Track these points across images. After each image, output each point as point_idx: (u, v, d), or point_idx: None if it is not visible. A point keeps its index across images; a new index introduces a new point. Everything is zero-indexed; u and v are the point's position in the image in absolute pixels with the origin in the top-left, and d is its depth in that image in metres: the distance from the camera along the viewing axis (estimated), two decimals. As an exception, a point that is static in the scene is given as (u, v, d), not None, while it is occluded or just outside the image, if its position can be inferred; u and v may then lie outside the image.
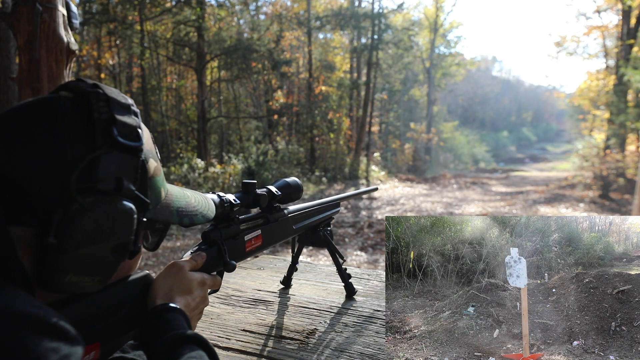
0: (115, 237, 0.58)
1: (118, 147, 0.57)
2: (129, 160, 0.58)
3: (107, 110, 0.58)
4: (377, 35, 17.13)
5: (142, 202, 0.61)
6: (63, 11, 2.63)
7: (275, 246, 1.20)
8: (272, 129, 17.01)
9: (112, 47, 16.24)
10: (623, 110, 13.44)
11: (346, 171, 16.62)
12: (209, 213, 0.79)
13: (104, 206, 0.55)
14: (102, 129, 0.57)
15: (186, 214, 0.73)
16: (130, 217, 0.58)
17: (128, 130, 0.59)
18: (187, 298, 0.74)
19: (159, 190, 0.68)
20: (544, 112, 63.17)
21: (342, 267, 1.32)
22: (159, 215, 0.68)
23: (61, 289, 0.57)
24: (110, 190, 0.56)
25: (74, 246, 0.54)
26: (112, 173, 0.56)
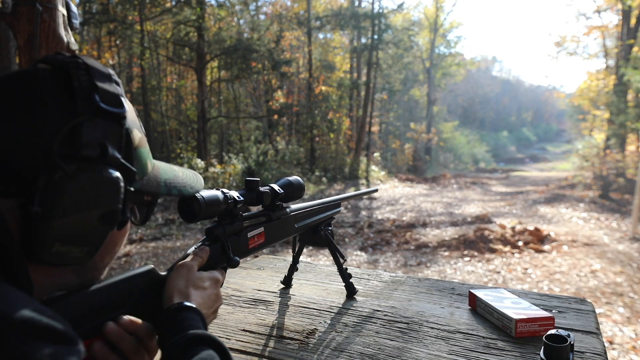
0: (102, 205, 0.57)
1: (100, 114, 0.56)
2: (112, 127, 0.58)
3: (88, 78, 0.57)
4: (377, 35, 17.13)
5: (129, 171, 0.61)
6: (63, 11, 2.63)
7: (276, 245, 1.20)
8: (272, 129, 17.00)
9: (112, 47, 16.24)
10: (623, 110, 13.44)
11: (346, 171, 16.62)
12: (197, 185, 0.79)
13: (89, 173, 0.55)
14: (83, 96, 0.56)
15: (174, 186, 0.73)
16: (116, 185, 0.58)
17: (110, 97, 0.58)
18: (203, 296, 0.74)
19: (145, 161, 0.67)
20: (544, 112, 63.16)
21: (343, 267, 1.32)
22: (147, 186, 0.67)
23: (49, 259, 0.56)
24: (95, 157, 0.55)
25: (60, 214, 0.54)
26: (96, 140, 0.56)
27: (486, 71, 54.69)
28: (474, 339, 1.04)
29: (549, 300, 1.28)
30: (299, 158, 15.74)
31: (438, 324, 1.13)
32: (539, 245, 6.70)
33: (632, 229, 7.76)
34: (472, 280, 5.26)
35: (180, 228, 8.04)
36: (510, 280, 5.24)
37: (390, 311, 1.21)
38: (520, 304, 1.13)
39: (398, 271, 5.63)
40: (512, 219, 8.81)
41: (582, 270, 5.57)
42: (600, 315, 4.20)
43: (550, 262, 5.93)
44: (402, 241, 7.10)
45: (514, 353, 0.97)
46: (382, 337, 1.06)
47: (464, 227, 7.99)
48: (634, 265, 5.83)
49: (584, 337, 1.05)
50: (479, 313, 1.18)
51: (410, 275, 1.54)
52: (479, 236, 6.94)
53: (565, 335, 0.88)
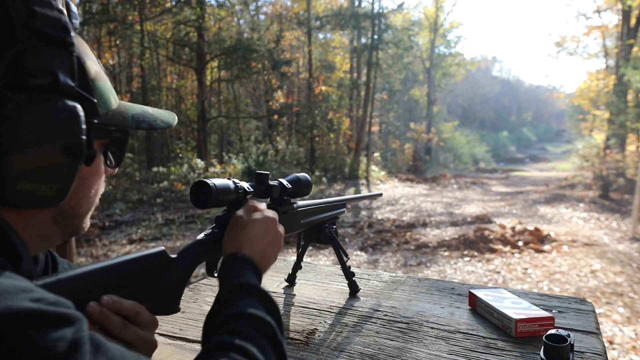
0: (61, 136, 0.55)
1: (44, 40, 0.53)
2: (60, 54, 0.55)
3: (25, 5, 0.53)
4: (377, 35, 17.13)
5: (88, 102, 0.58)
6: (63, 11, 2.63)
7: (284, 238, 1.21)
8: (272, 129, 17.01)
9: (112, 47, 16.25)
10: (623, 110, 13.44)
11: (346, 171, 16.62)
12: (169, 120, 0.77)
13: (42, 103, 0.53)
14: (21, 23, 0.52)
15: (143, 120, 0.70)
16: (74, 114, 0.56)
17: (52, 21, 0.55)
18: (254, 244, 0.79)
19: (107, 96, 0.64)
20: (544, 112, 63.17)
21: (347, 265, 1.33)
22: (113, 120, 0.65)
23: (17, 200, 0.54)
24: (46, 86, 0.53)
25: (17, 147, 0.51)
26: (44, 67, 0.53)
27: (486, 71, 54.69)
28: (474, 339, 1.04)
29: (549, 300, 1.28)
30: (299, 158, 15.75)
31: (438, 324, 1.13)
32: (539, 245, 6.70)
33: (632, 229, 7.76)
34: (472, 280, 5.26)
35: (180, 228, 8.04)
36: (510, 280, 5.24)
37: (390, 311, 1.21)
38: (520, 304, 1.13)
39: (398, 271, 5.63)
40: (512, 219, 8.81)
41: (582, 270, 5.57)
42: (600, 315, 4.20)
43: (550, 262, 5.93)
44: (402, 241, 7.10)
45: (514, 353, 0.97)
46: (382, 337, 1.06)
47: (464, 227, 7.99)
48: (634, 265, 5.83)
49: (584, 337, 1.05)
50: (479, 313, 1.18)
51: (410, 275, 1.54)
52: (479, 236, 6.94)
53: (565, 335, 0.88)
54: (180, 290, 0.77)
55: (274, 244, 0.83)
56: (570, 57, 22.99)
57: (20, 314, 0.42)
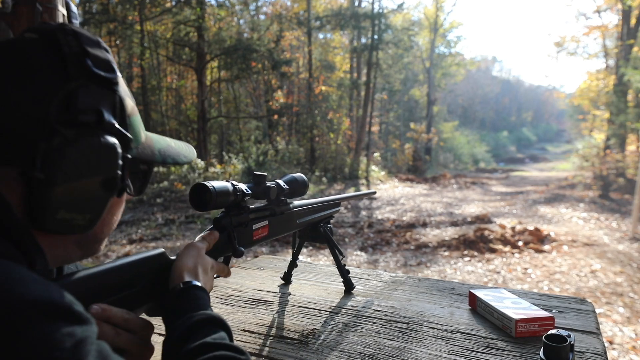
0: (102, 171, 0.58)
1: (94, 79, 0.57)
2: (106, 93, 0.58)
3: (77, 43, 0.57)
4: (377, 35, 17.12)
5: (125, 138, 0.61)
6: (63, 11, 2.63)
7: (277, 242, 1.22)
8: (272, 129, 17.00)
9: (112, 47, 16.23)
10: (623, 110, 13.44)
11: (346, 171, 16.61)
12: (190, 155, 0.79)
13: (87, 139, 0.56)
14: (74, 61, 0.56)
15: (169, 155, 0.73)
16: (114, 151, 0.59)
17: (102, 62, 0.58)
18: (206, 278, 0.77)
19: (138, 130, 0.67)
20: (544, 112, 63.15)
21: (342, 263, 1.35)
22: (142, 154, 0.68)
23: (54, 227, 0.56)
24: (92, 123, 0.56)
25: (62, 179, 0.54)
26: (92, 105, 0.56)
27: (486, 71, 54.67)
28: (474, 339, 1.04)
29: (549, 300, 1.28)
30: (299, 158, 15.74)
31: (438, 324, 1.13)
32: (539, 245, 6.70)
33: (632, 229, 7.76)
34: (472, 280, 5.26)
35: (180, 228, 8.04)
36: (510, 280, 5.24)
37: (390, 311, 1.21)
38: (520, 304, 1.13)
39: (398, 271, 5.63)
40: (512, 219, 8.80)
41: (582, 270, 5.57)
42: (600, 315, 4.20)
43: (550, 262, 5.93)
44: (402, 241, 7.10)
45: (514, 353, 0.97)
46: (382, 337, 1.06)
47: (464, 227, 7.99)
48: (634, 265, 5.83)
49: (584, 337, 1.05)
50: (479, 313, 1.18)
51: (410, 275, 1.54)
52: (479, 236, 6.94)
53: (565, 336, 0.88)
54: None
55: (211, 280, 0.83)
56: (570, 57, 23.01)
57: (34, 302, 0.43)
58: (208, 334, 0.62)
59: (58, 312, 0.44)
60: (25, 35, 0.58)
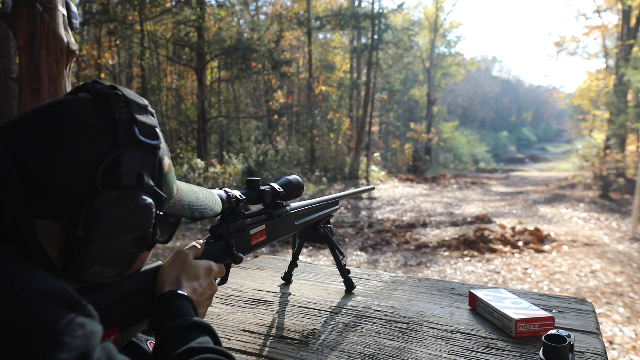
0: (137, 229, 0.62)
1: (139, 145, 0.61)
2: (148, 157, 0.63)
3: (127, 110, 0.61)
4: (377, 35, 17.12)
5: (159, 197, 0.65)
6: (63, 11, 2.63)
7: (276, 245, 1.22)
8: (272, 129, 17.00)
9: (112, 47, 16.24)
10: (623, 110, 13.44)
11: (346, 171, 16.61)
12: (216, 207, 0.83)
13: (127, 200, 0.60)
14: (123, 128, 0.60)
15: (197, 208, 0.77)
16: (150, 211, 0.63)
17: (147, 129, 0.63)
18: (194, 284, 0.77)
19: (172, 186, 0.72)
20: (544, 112, 63.14)
21: (342, 263, 1.35)
22: (173, 209, 0.72)
23: (86, 279, 0.60)
24: (132, 185, 0.60)
25: (101, 237, 0.58)
26: (134, 169, 0.60)
27: (486, 71, 54.66)
28: (474, 339, 1.04)
29: (549, 300, 1.28)
30: (299, 158, 15.74)
31: (438, 324, 1.13)
32: (539, 245, 6.70)
33: (632, 229, 7.76)
34: (472, 280, 5.26)
35: (180, 228, 8.05)
36: (510, 280, 5.24)
37: (390, 311, 1.21)
38: (520, 304, 1.13)
39: (398, 271, 5.63)
40: (512, 219, 8.80)
41: (582, 270, 5.57)
42: (600, 315, 4.20)
43: (550, 262, 5.93)
44: (402, 241, 7.10)
45: (514, 353, 0.97)
46: (382, 337, 1.06)
47: (464, 227, 7.99)
48: (634, 265, 5.83)
49: (584, 337, 1.05)
50: (479, 313, 1.18)
51: (410, 275, 1.55)
52: (479, 236, 6.94)
53: (565, 336, 0.88)
54: None
55: (209, 291, 0.81)
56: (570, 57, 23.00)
57: (46, 290, 0.46)
58: (192, 339, 0.63)
59: (72, 303, 0.47)
60: (80, 94, 0.62)
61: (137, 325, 0.72)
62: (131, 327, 0.71)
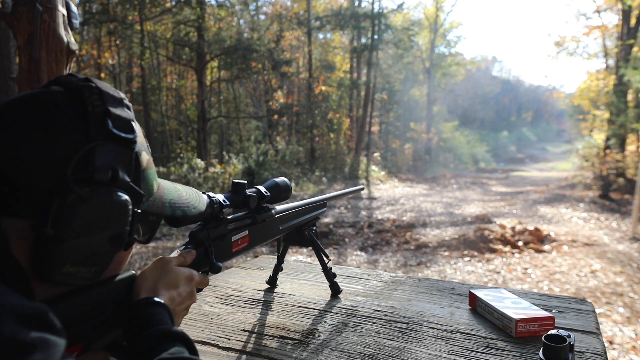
0: (111, 227, 0.59)
1: (113, 139, 0.58)
2: (123, 152, 0.59)
3: (101, 103, 0.58)
4: (377, 35, 17.13)
5: (137, 194, 0.62)
6: (63, 11, 2.63)
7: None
8: (272, 129, 17.01)
9: (112, 47, 16.25)
10: (623, 111, 13.43)
11: (346, 171, 16.61)
12: (200, 206, 0.80)
13: (100, 196, 0.56)
14: (96, 121, 0.57)
15: (178, 206, 0.73)
16: (125, 208, 0.59)
17: (122, 122, 0.60)
18: (173, 293, 0.73)
19: (151, 182, 0.68)
20: (544, 112, 63.12)
21: (328, 266, 1.31)
22: (152, 207, 0.68)
23: (58, 280, 0.57)
24: (106, 181, 0.57)
25: (72, 236, 0.55)
26: (108, 164, 0.57)
27: (486, 71, 54.63)
28: (474, 339, 1.04)
29: (549, 300, 1.28)
30: (299, 158, 15.74)
31: (438, 324, 1.13)
32: (539, 245, 6.70)
33: (632, 229, 7.76)
34: (472, 280, 5.26)
35: (180, 228, 8.04)
36: (510, 280, 5.24)
37: (390, 311, 1.21)
38: (520, 304, 1.13)
39: (398, 271, 5.63)
40: (512, 219, 8.80)
41: (582, 270, 5.57)
42: (600, 315, 4.20)
43: (550, 262, 5.93)
44: (402, 241, 7.10)
45: (514, 353, 0.97)
46: (382, 337, 1.06)
47: (464, 227, 7.99)
48: (634, 265, 5.83)
49: (584, 337, 1.05)
50: (479, 313, 1.18)
51: (410, 275, 1.54)
52: (479, 236, 6.94)
53: (565, 336, 0.88)
54: None
55: (188, 300, 0.77)
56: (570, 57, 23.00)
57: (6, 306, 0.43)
58: (166, 349, 0.60)
59: (30, 318, 0.44)
60: (53, 88, 0.59)
61: (103, 340, 0.67)
62: (97, 342, 0.66)
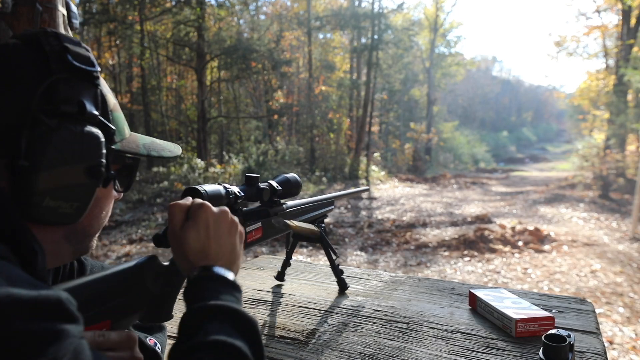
0: (86, 159, 0.60)
1: (75, 73, 0.60)
2: (87, 86, 0.61)
3: (58, 42, 0.60)
4: (377, 35, 17.12)
5: (107, 129, 0.64)
6: (63, 11, 2.63)
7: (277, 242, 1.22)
8: (272, 129, 17.01)
9: (112, 47, 16.24)
10: (623, 111, 13.44)
11: (346, 171, 16.61)
12: (175, 150, 0.81)
13: (69, 126, 0.58)
14: (55, 57, 0.59)
15: (153, 148, 0.75)
16: (97, 140, 0.61)
17: (82, 57, 0.62)
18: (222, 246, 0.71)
19: (122, 125, 0.70)
20: (544, 112, 63.12)
21: (336, 263, 1.35)
22: (126, 147, 0.70)
23: (41, 216, 0.58)
24: (74, 113, 0.59)
25: (46, 166, 0.57)
26: (73, 97, 0.59)
27: (486, 71, 54.63)
28: (474, 339, 1.04)
29: (549, 300, 1.28)
30: (299, 158, 15.74)
31: (438, 324, 1.13)
32: (539, 245, 6.70)
33: (632, 229, 7.76)
34: (472, 280, 5.26)
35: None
36: (510, 280, 5.24)
37: (390, 311, 1.21)
38: (520, 304, 1.13)
39: (398, 271, 5.63)
40: (512, 219, 8.81)
41: (582, 270, 5.57)
42: (600, 315, 4.20)
43: (550, 262, 5.93)
44: (402, 241, 7.10)
45: (514, 353, 0.97)
46: (382, 337, 1.06)
47: (464, 227, 7.99)
48: (634, 265, 5.83)
49: (584, 337, 1.05)
50: (479, 313, 1.18)
51: (410, 275, 1.55)
52: (479, 236, 6.94)
53: (565, 336, 0.88)
54: (173, 298, 0.77)
55: (237, 236, 0.74)
56: (570, 57, 22.95)
57: (12, 299, 0.43)
58: (198, 332, 0.56)
59: (43, 309, 0.44)
60: (9, 41, 0.61)
61: (129, 319, 0.70)
62: (123, 321, 0.69)
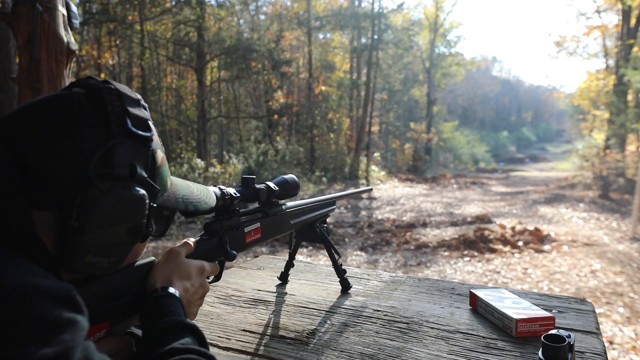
0: (130, 220, 0.63)
1: (131, 137, 0.63)
2: (141, 149, 0.64)
3: (120, 103, 0.63)
4: (377, 35, 17.12)
5: (153, 189, 0.66)
6: (63, 11, 2.63)
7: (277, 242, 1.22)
8: (272, 129, 17.00)
9: (112, 47, 16.23)
10: (623, 111, 13.44)
11: (346, 171, 16.60)
12: (210, 202, 0.84)
13: (120, 191, 0.61)
14: (116, 120, 0.62)
15: (191, 202, 0.78)
16: (143, 202, 0.64)
17: (140, 121, 0.64)
18: (186, 283, 0.77)
19: (165, 179, 0.73)
20: (544, 112, 63.13)
21: (338, 263, 1.35)
22: (167, 202, 0.73)
23: (80, 269, 0.61)
24: (125, 176, 0.61)
25: (94, 227, 0.59)
26: (127, 160, 0.62)
27: (486, 71, 54.63)
28: (474, 339, 1.04)
29: (549, 300, 1.28)
30: (299, 158, 15.74)
31: (438, 324, 1.13)
32: (539, 245, 6.70)
33: (632, 229, 7.76)
34: (472, 280, 5.26)
35: (181, 228, 8.04)
36: (510, 280, 5.24)
37: (390, 311, 1.21)
38: (520, 304, 1.13)
39: (398, 271, 5.63)
40: (512, 219, 8.80)
41: (582, 270, 5.57)
42: (600, 315, 4.20)
43: (550, 262, 5.93)
44: (402, 241, 7.10)
45: (514, 353, 0.97)
46: (382, 337, 1.06)
47: (464, 227, 7.99)
48: (634, 265, 5.83)
49: (584, 337, 1.05)
50: (479, 313, 1.18)
51: (410, 275, 1.55)
52: (479, 236, 6.94)
53: (565, 336, 0.88)
54: None
55: (201, 290, 0.81)
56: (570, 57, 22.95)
57: (35, 285, 0.46)
58: (176, 339, 0.63)
59: (61, 298, 0.47)
60: (75, 90, 0.64)
61: (129, 320, 0.72)
62: (123, 321, 0.71)
